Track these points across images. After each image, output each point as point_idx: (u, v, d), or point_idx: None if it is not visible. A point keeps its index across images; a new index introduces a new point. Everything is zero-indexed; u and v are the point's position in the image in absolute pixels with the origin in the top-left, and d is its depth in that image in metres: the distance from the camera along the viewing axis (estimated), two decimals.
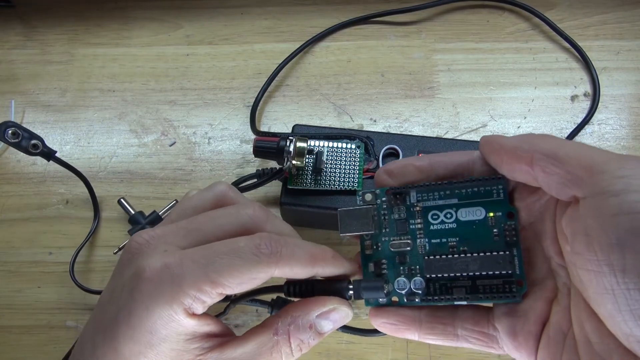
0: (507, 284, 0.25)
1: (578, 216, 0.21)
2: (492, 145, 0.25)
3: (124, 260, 0.25)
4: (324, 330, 0.26)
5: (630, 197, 0.19)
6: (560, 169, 0.22)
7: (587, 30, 0.52)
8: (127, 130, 0.49)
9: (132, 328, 0.22)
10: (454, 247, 0.27)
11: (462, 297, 0.26)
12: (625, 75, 0.50)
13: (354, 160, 0.40)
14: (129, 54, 0.53)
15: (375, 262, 0.28)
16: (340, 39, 0.53)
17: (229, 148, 0.48)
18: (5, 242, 0.45)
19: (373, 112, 0.49)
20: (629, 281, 0.19)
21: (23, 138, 0.40)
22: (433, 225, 0.27)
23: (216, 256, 0.23)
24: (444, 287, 0.26)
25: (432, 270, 0.26)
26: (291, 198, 0.39)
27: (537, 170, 0.23)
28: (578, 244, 0.21)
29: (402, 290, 0.27)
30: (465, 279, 0.26)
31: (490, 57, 0.51)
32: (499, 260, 0.25)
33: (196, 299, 0.23)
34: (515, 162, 0.24)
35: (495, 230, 0.26)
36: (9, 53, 0.54)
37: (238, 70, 0.52)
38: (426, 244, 0.27)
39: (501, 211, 0.26)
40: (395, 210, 0.28)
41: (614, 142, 0.47)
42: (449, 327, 0.27)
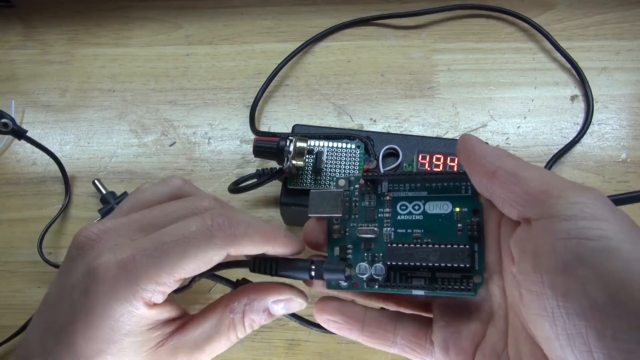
0: (465, 278, 0.26)
1: (528, 237, 0.22)
2: (465, 145, 0.25)
3: (72, 257, 0.24)
4: (277, 314, 0.27)
5: (580, 223, 0.19)
6: (519, 188, 0.22)
7: (587, 30, 0.52)
8: (127, 130, 0.49)
9: (91, 327, 0.22)
10: (418, 238, 0.27)
11: (420, 286, 0.26)
12: (625, 75, 0.50)
13: (354, 160, 0.40)
14: (129, 54, 0.53)
15: (342, 247, 0.28)
16: (340, 39, 0.53)
17: (229, 148, 0.48)
18: (5, 242, 0.45)
19: (373, 112, 0.49)
20: (569, 306, 0.19)
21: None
22: (400, 216, 0.28)
23: (169, 245, 0.23)
24: (404, 276, 0.27)
25: (393, 258, 0.26)
26: (291, 198, 0.39)
27: (495, 184, 0.23)
28: (525, 264, 0.21)
29: (363, 275, 0.27)
30: (425, 270, 0.26)
31: (490, 57, 0.51)
32: (458, 252, 0.25)
33: (155, 292, 0.23)
34: (478, 170, 0.24)
35: (459, 225, 0.27)
36: (9, 53, 0.54)
37: (238, 70, 0.52)
38: (392, 233, 0.28)
39: (467, 207, 0.27)
40: (366, 198, 0.29)
41: (614, 142, 0.47)
42: (389, 334, 0.27)
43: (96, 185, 0.45)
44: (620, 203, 0.40)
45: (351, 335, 0.28)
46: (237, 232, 0.24)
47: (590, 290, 0.18)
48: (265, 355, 0.40)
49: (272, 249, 0.26)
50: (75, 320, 0.22)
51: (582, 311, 0.19)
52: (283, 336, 0.40)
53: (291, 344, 0.40)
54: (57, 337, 0.23)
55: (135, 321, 0.23)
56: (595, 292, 0.18)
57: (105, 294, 0.22)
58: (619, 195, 0.39)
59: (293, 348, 0.40)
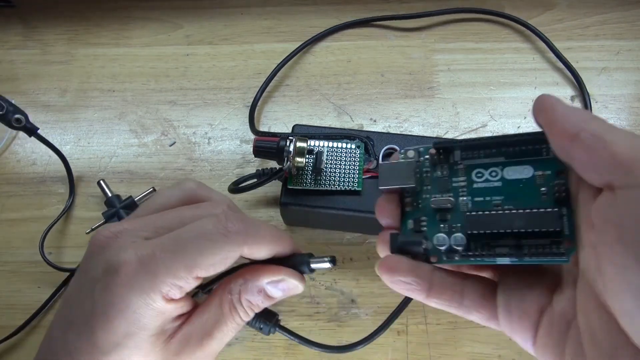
0: (555, 244, 0.24)
1: (613, 206, 0.20)
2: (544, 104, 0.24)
3: (92, 254, 0.25)
4: (274, 296, 0.27)
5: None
6: (605, 152, 0.20)
7: (587, 30, 0.52)
8: (127, 130, 0.49)
9: (110, 320, 0.23)
10: (499, 206, 0.25)
11: (506, 253, 0.24)
12: (625, 75, 0.50)
13: (354, 160, 0.40)
14: (129, 54, 0.53)
15: (415, 220, 0.27)
16: (341, 39, 0.53)
17: (229, 148, 0.48)
18: (5, 242, 0.45)
19: (373, 112, 0.49)
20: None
21: (8, 111, 0.40)
22: (477, 184, 0.26)
23: (186, 242, 0.24)
24: (485, 245, 0.25)
25: (474, 226, 0.24)
26: (291, 198, 0.39)
27: (578, 147, 0.21)
28: (608, 235, 0.20)
29: (442, 246, 0.26)
30: (509, 237, 0.24)
31: (490, 57, 0.51)
32: (547, 216, 0.23)
33: (173, 286, 0.23)
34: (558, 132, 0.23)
35: (543, 189, 0.25)
36: (9, 53, 0.54)
37: (238, 70, 0.52)
38: (469, 202, 0.26)
39: (551, 169, 0.25)
40: (438, 168, 0.27)
41: None
42: (457, 294, 0.26)
43: (101, 186, 0.45)
44: None
45: (418, 297, 0.26)
46: (250, 232, 0.25)
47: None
48: (265, 355, 0.40)
49: (282, 249, 0.27)
50: (95, 314, 0.23)
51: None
52: (283, 336, 0.40)
53: (291, 344, 0.40)
54: (78, 331, 0.23)
55: (153, 315, 0.23)
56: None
57: (125, 286, 0.23)
58: None
59: (293, 348, 0.40)
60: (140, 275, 0.23)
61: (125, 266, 0.23)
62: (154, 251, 0.24)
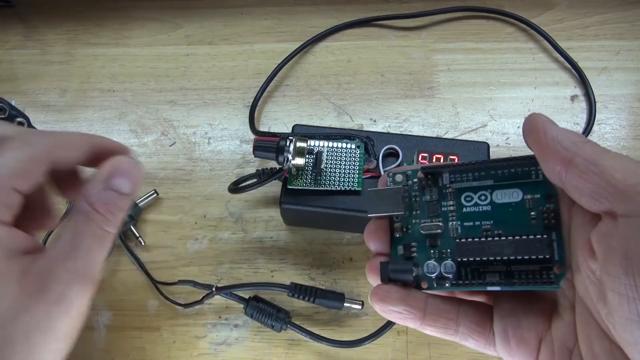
0: (545, 270, 0.23)
1: (616, 234, 0.20)
2: (535, 125, 0.23)
3: None
4: (121, 188, 0.23)
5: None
6: (601, 178, 0.20)
7: (587, 30, 0.52)
8: (127, 130, 0.49)
9: None
10: (489, 231, 0.25)
11: (496, 282, 0.24)
12: (625, 75, 0.50)
13: (354, 160, 0.40)
14: (129, 54, 0.53)
15: (405, 245, 0.27)
16: (340, 39, 0.53)
17: (229, 148, 0.48)
18: None
19: (373, 112, 0.49)
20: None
21: (10, 115, 0.40)
22: (466, 208, 0.26)
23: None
24: (476, 271, 0.25)
25: (464, 254, 0.24)
26: (291, 198, 0.39)
27: (573, 173, 0.21)
28: (613, 265, 0.20)
29: (432, 274, 0.25)
30: (499, 264, 0.24)
31: (490, 57, 0.51)
32: (536, 243, 0.23)
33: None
34: (550, 156, 0.22)
35: (533, 213, 0.24)
36: (9, 53, 0.54)
37: (238, 70, 0.52)
38: (458, 226, 0.26)
39: (540, 193, 0.24)
40: (427, 192, 0.27)
41: (614, 142, 0.47)
42: (452, 322, 0.26)
43: None
44: None
45: (412, 325, 0.26)
46: (55, 132, 0.24)
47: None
48: (265, 356, 0.40)
49: (96, 141, 0.25)
50: None
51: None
52: (283, 336, 0.40)
53: (291, 344, 0.40)
54: None
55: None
56: None
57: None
58: None
59: (293, 348, 0.40)
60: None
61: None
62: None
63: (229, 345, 0.40)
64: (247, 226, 0.45)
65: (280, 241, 0.44)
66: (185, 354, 0.41)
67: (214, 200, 0.46)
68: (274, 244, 0.44)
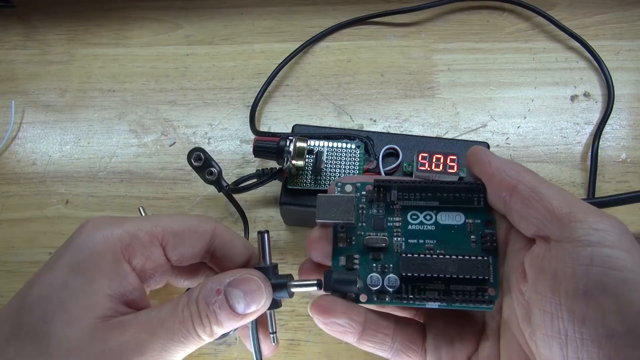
0: (481, 291, 0.25)
1: (547, 257, 0.21)
2: (479, 157, 0.25)
3: None
4: (235, 302, 0.24)
5: (604, 251, 0.20)
6: (540, 205, 0.22)
7: (586, 31, 0.52)
8: (127, 130, 0.49)
9: (72, 250, 0.26)
10: (431, 249, 0.26)
11: (435, 298, 0.25)
12: (625, 75, 0.50)
13: (354, 160, 0.40)
14: (129, 54, 0.53)
15: (348, 256, 0.27)
16: (340, 39, 0.53)
17: (229, 148, 0.48)
18: (5, 242, 0.45)
19: (373, 112, 0.49)
20: (585, 331, 0.19)
21: (205, 164, 0.40)
22: (411, 225, 0.27)
23: (160, 215, 0.31)
24: (416, 288, 0.26)
25: (409, 269, 0.25)
26: (291, 198, 0.39)
27: (515, 199, 0.23)
28: (542, 284, 0.21)
29: (375, 286, 0.26)
30: (439, 282, 0.25)
31: (490, 57, 0.51)
32: (478, 264, 0.25)
33: (137, 244, 0.25)
34: (496, 185, 0.24)
35: (472, 237, 0.26)
36: (9, 53, 0.54)
37: (238, 70, 0.52)
38: (403, 243, 0.27)
39: (480, 219, 0.26)
40: (374, 206, 0.27)
41: (614, 142, 0.47)
42: (388, 337, 0.26)
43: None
44: (620, 203, 0.40)
45: (350, 339, 0.27)
46: (221, 225, 0.30)
47: (609, 319, 0.19)
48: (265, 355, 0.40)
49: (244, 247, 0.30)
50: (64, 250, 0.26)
51: (597, 339, 0.19)
52: (283, 336, 0.40)
53: (291, 344, 0.40)
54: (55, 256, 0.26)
55: (112, 265, 0.24)
56: (614, 322, 0.18)
57: (93, 226, 0.26)
58: (619, 195, 0.40)
59: (293, 348, 0.40)
60: (107, 220, 0.25)
61: (97, 218, 0.26)
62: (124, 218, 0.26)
63: (229, 345, 0.40)
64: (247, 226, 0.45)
65: (280, 241, 0.44)
66: None
67: (214, 201, 0.46)
68: (274, 244, 0.44)
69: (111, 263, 0.24)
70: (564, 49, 0.51)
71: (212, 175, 0.40)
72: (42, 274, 0.24)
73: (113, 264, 0.24)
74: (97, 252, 0.24)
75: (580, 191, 0.44)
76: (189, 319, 0.23)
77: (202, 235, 0.27)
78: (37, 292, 0.23)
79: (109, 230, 0.25)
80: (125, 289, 0.24)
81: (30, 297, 0.23)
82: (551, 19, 0.51)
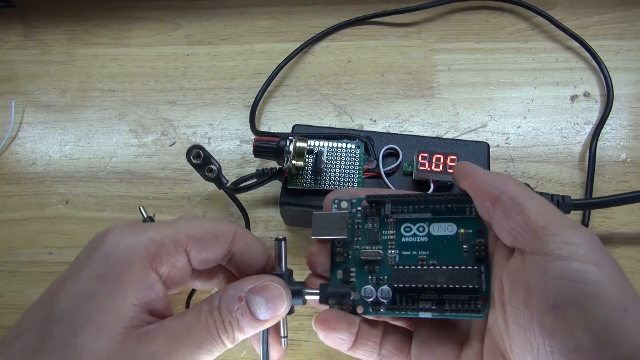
0: (473, 300, 0.25)
1: (522, 269, 0.22)
2: (465, 171, 0.26)
3: None
4: (256, 309, 0.25)
5: (573, 265, 0.20)
6: (519, 216, 0.22)
7: (586, 30, 0.52)
8: (127, 130, 0.49)
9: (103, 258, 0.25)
10: (424, 260, 0.27)
11: (427, 309, 0.26)
12: (625, 75, 0.50)
13: (354, 160, 0.40)
14: (129, 54, 0.53)
15: (344, 270, 0.28)
16: (340, 39, 0.53)
17: (229, 148, 0.48)
18: (5, 242, 0.45)
19: (373, 112, 0.49)
20: (555, 344, 0.19)
21: (204, 162, 0.40)
22: (405, 237, 0.28)
23: (180, 219, 0.28)
24: (410, 298, 0.27)
25: (400, 280, 0.26)
26: (291, 198, 0.39)
27: (498, 209, 0.23)
28: (516, 297, 0.21)
29: (369, 298, 0.27)
30: (432, 292, 0.26)
31: (490, 57, 0.51)
32: (468, 274, 0.25)
33: (162, 252, 0.25)
34: (481, 195, 0.25)
35: (465, 247, 0.26)
36: (9, 53, 0.54)
37: (238, 70, 0.52)
38: (396, 255, 0.27)
39: (472, 228, 0.27)
40: (369, 220, 0.28)
41: (614, 142, 0.47)
42: (377, 345, 0.27)
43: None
44: (620, 203, 0.40)
45: (344, 349, 0.27)
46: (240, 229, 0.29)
47: (577, 332, 0.19)
48: None
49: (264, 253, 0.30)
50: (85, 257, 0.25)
51: (566, 352, 0.19)
52: None
53: (291, 344, 0.40)
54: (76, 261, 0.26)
55: (137, 274, 0.24)
56: (581, 335, 0.19)
57: (117, 233, 0.25)
58: (619, 195, 0.40)
59: (293, 348, 0.40)
60: (130, 228, 0.25)
61: (117, 226, 0.26)
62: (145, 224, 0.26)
63: None
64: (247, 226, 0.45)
65: None
66: None
67: (214, 201, 0.46)
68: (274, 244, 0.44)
69: (138, 273, 0.24)
70: (564, 49, 0.51)
71: (211, 172, 0.40)
72: (67, 283, 0.24)
73: (140, 273, 0.24)
74: (124, 261, 0.24)
75: (579, 191, 0.44)
76: (213, 327, 0.24)
77: (223, 239, 0.27)
78: (64, 304, 0.23)
79: (135, 238, 0.25)
80: (151, 298, 0.24)
81: (58, 308, 0.23)
82: (551, 19, 0.51)
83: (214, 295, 0.25)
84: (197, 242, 0.26)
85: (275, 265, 0.28)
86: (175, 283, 0.26)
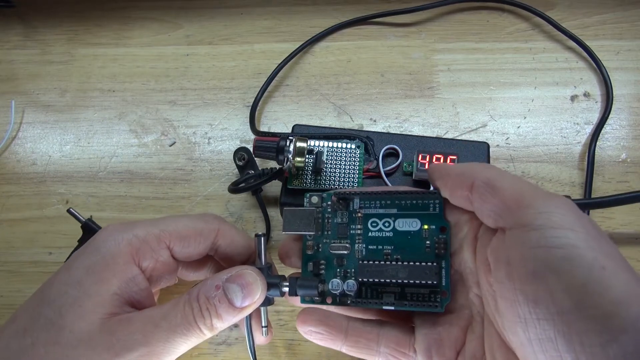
0: (432, 294, 0.27)
1: (502, 246, 0.22)
2: (439, 171, 0.27)
3: None
4: (233, 296, 0.26)
5: (548, 232, 0.20)
6: (495, 198, 0.23)
7: (586, 30, 0.52)
8: (127, 130, 0.49)
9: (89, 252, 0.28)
10: (389, 255, 0.28)
11: (390, 302, 0.27)
12: (625, 75, 0.50)
13: (354, 160, 0.40)
14: (129, 54, 0.53)
15: (315, 262, 0.29)
16: (340, 39, 0.53)
17: (229, 148, 0.48)
18: (5, 242, 0.45)
19: (373, 112, 0.49)
20: (539, 312, 0.20)
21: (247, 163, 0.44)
22: (371, 232, 0.28)
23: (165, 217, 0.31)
24: (374, 291, 0.28)
25: (364, 275, 0.27)
26: (291, 198, 0.40)
27: (475, 196, 0.24)
28: (499, 272, 0.22)
29: (336, 291, 0.28)
30: (395, 286, 0.27)
31: (490, 57, 0.51)
32: (426, 270, 0.26)
33: (145, 247, 0.27)
34: (458, 187, 0.25)
35: (427, 242, 0.27)
36: (9, 53, 0.54)
37: (238, 70, 0.52)
38: (363, 249, 0.28)
39: (435, 224, 0.27)
40: (339, 215, 0.29)
41: (614, 142, 0.47)
42: (373, 343, 0.28)
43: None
44: (620, 203, 0.40)
45: (334, 346, 0.28)
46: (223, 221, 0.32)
47: (557, 296, 0.19)
48: (265, 356, 0.40)
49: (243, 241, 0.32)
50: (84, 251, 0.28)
51: (550, 317, 0.19)
52: (283, 336, 0.40)
53: (291, 344, 0.40)
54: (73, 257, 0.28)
55: (121, 267, 0.26)
56: (561, 299, 0.19)
57: (105, 230, 0.28)
58: (619, 195, 0.40)
59: (293, 348, 0.40)
60: (120, 226, 0.28)
61: (111, 224, 0.29)
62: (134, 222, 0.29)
63: (229, 345, 0.40)
64: (247, 226, 0.45)
65: (280, 241, 0.44)
66: (185, 354, 0.41)
67: (214, 200, 0.46)
68: (275, 244, 0.44)
69: (122, 266, 0.26)
70: (563, 49, 0.51)
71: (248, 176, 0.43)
72: (60, 273, 0.26)
73: (124, 266, 0.26)
74: (110, 255, 0.26)
75: (579, 191, 0.44)
76: (190, 313, 0.26)
77: (206, 236, 0.30)
78: (55, 289, 0.25)
79: (121, 235, 0.27)
80: (132, 289, 0.27)
81: (49, 293, 0.25)
82: (550, 20, 0.51)
83: (193, 287, 0.27)
84: (181, 239, 0.28)
85: (256, 259, 0.30)
86: (159, 276, 0.29)
